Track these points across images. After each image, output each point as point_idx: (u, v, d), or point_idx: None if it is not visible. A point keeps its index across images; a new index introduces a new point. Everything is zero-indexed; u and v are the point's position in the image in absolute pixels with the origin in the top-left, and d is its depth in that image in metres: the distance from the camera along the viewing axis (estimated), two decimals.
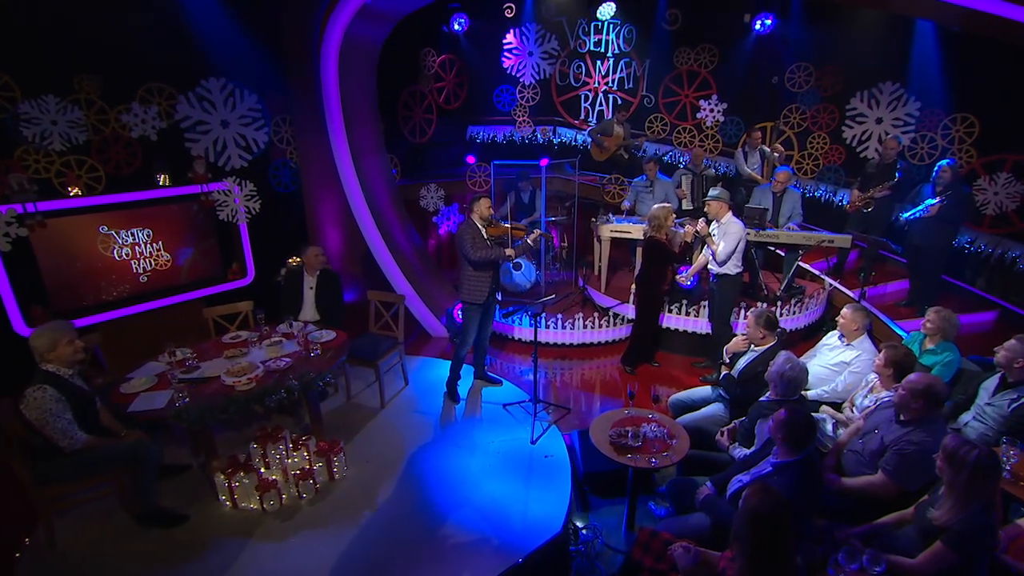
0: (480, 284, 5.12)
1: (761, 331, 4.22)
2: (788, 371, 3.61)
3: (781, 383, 3.63)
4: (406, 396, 5.53)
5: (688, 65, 8.62)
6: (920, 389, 3.28)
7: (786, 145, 8.30)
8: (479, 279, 5.12)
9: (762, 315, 4.23)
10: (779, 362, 3.69)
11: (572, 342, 6.42)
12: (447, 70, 8.94)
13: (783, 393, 3.67)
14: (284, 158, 6.74)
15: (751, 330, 4.25)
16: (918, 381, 3.31)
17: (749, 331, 4.26)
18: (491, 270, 5.14)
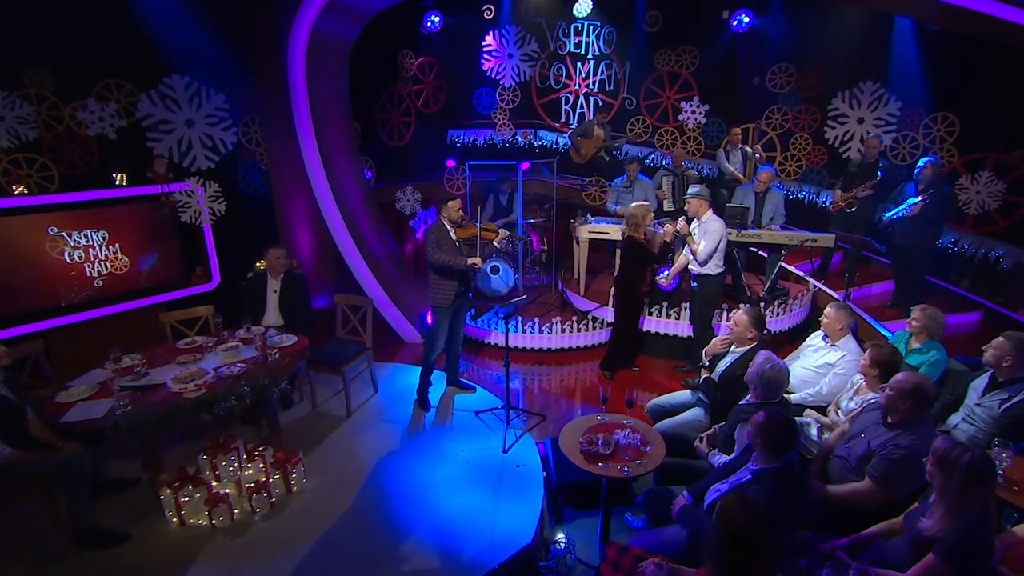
0: (446, 287, 4.92)
1: (752, 331, 4.00)
2: (768, 372, 3.38)
3: (761, 385, 3.41)
4: (374, 404, 5.26)
5: (669, 66, 8.50)
6: (908, 389, 3.07)
7: (768, 147, 8.16)
8: (445, 282, 4.93)
9: (753, 311, 4.01)
10: (758, 363, 3.47)
11: (550, 347, 6.20)
12: (426, 73, 8.74)
13: (763, 395, 3.45)
14: (253, 159, 6.49)
15: (741, 329, 4.02)
16: (905, 381, 3.10)
17: (738, 330, 4.03)
18: (458, 272, 4.92)
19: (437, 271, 4.89)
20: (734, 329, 4.07)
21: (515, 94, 8.91)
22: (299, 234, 6.73)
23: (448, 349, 5.38)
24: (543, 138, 9.23)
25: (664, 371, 5.83)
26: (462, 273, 4.93)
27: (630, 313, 5.54)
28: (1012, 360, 3.44)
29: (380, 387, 5.51)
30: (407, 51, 8.43)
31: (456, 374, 5.51)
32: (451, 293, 4.93)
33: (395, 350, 6.40)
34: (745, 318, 4.01)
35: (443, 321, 5.04)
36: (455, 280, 4.91)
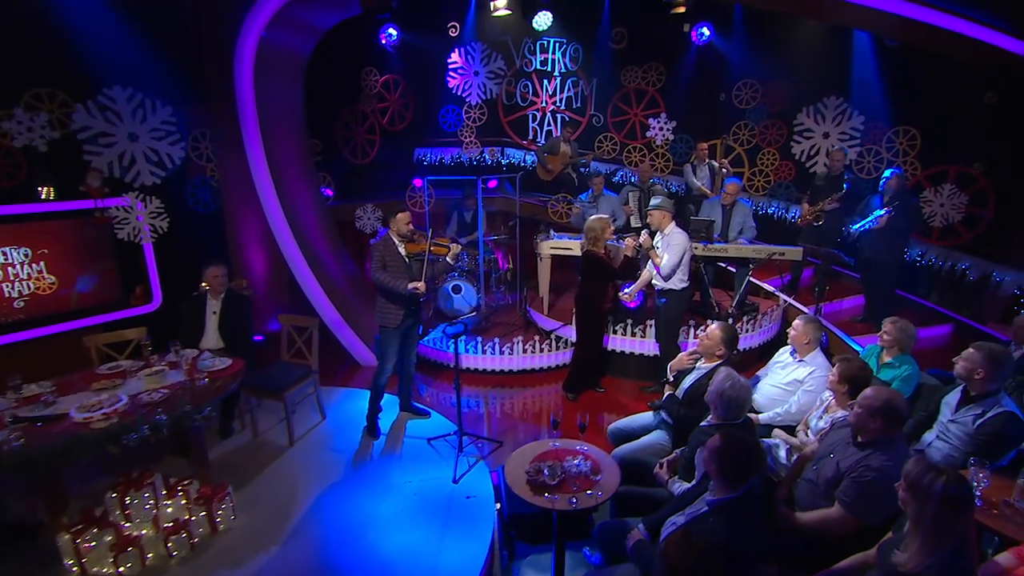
0: (393, 306, 4.62)
1: (722, 348, 3.73)
2: (728, 390, 3.10)
3: (721, 404, 3.13)
4: (321, 432, 4.89)
5: (636, 83, 8.42)
6: (877, 406, 2.81)
7: (736, 162, 8.04)
8: (393, 300, 4.63)
9: (729, 329, 3.75)
10: (718, 380, 3.19)
11: (511, 368, 5.88)
12: (391, 90, 8.54)
13: (725, 416, 3.16)
14: (203, 175, 6.16)
15: (711, 344, 3.75)
16: (874, 397, 2.84)
17: (707, 344, 3.76)
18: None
19: (378, 288, 4.62)
20: (703, 343, 3.81)
21: (482, 112, 8.76)
22: (251, 253, 6.39)
23: (400, 372, 5.06)
24: (510, 156, 9.07)
25: (631, 392, 5.52)
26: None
27: (592, 331, 5.26)
28: (984, 372, 3.20)
29: (329, 413, 5.15)
30: (371, 68, 8.23)
31: (409, 398, 5.18)
32: (399, 312, 4.64)
33: (351, 374, 6.03)
34: (718, 333, 3.75)
35: (392, 342, 4.73)
36: (403, 299, 4.62)
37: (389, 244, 4.61)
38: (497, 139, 9.01)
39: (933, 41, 5.57)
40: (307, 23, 5.84)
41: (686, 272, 4.95)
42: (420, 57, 8.45)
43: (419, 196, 7.72)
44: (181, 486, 3.66)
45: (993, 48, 5.23)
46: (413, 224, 4.68)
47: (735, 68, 7.78)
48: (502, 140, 9.02)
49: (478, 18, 8.28)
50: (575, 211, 6.77)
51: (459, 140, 8.88)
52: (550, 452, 3.49)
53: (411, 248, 4.66)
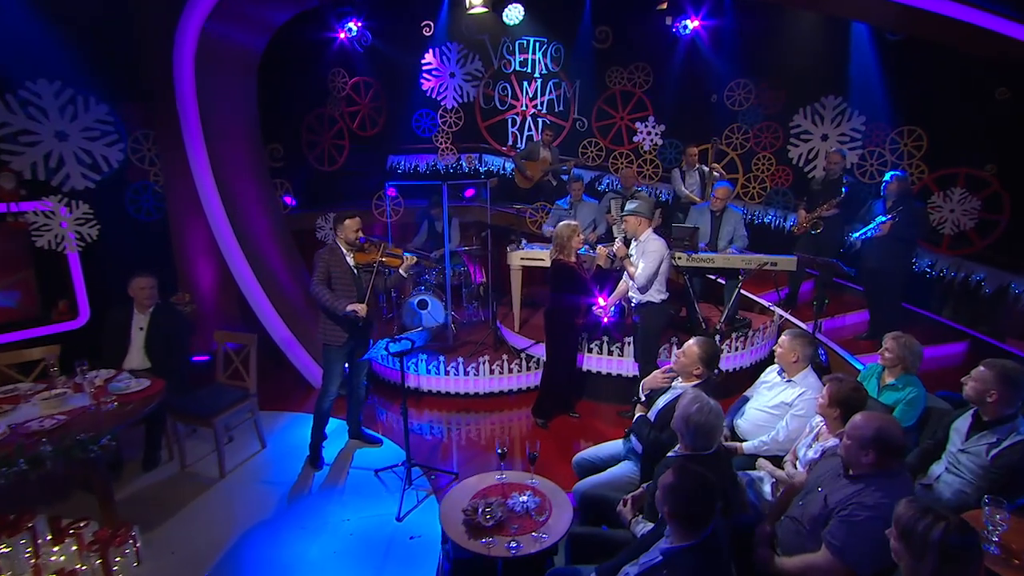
0: (340, 320, 4.33)
1: (700, 367, 3.41)
2: (694, 415, 2.77)
3: (688, 431, 2.80)
4: (257, 462, 4.56)
5: (621, 85, 8.21)
6: (868, 436, 2.48)
7: (729, 167, 7.78)
8: (334, 317, 4.34)
9: (708, 346, 3.42)
10: (684, 404, 2.86)
11: (477, 391, 5.54)
12: (362, 94, 8.33)
13: (692, 445, 2.83)
14: (146, 180, 5.90)
15: (687, 362, 3.43)
16: (864, 426, 2.51)
17: (683, 361, 3.44)
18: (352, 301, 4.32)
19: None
20: (679, 360, 3.49)
21: (458, 116, 8.54)
22: (198, 265, 6.10)
23: (349, 395, 4.76)
24: (489, 163, 8.83)
25: (608, 417, 5.17)
26: (359, 303, 4.33)
27: (563, 349, 4.93)
28: (997, 394, 2.87)
29: (271, 441, 4.83)
30: (339, 70, 8.03)
31: (359, 425, 4.87)
32: (344, 329, 4.35)
33: (304, 398, 5.69)
34: (695, 350, 3.43)
35: (337, 362, 4.44)
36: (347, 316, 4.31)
37: (336, 253, 4.35)
38: (474, 145, 8.77)
39: (939, 32, 5.32)
40: (256, 16, 5.62)
41: (664, 283, 4.66)
42: (392, 58, 8.24)
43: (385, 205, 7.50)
44: (74, 528, 3.31)
45: (1005, 39, 4.94)
46: (383, 235, 4.38)
47: (727, 68, 7.58)
48: (480, 146, 8.78)
49: (454, 16, 8.10)
50: (548, 218, 6.48)
51: (435, 146, 8.70)
52: (495, 487, 3.15)
53: (360, 258, 4.40)
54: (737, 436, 3.79)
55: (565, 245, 4.63)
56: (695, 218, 5.93)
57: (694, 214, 5.99)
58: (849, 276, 5.75)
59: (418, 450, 4.73)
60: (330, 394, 4.47)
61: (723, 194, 5.72)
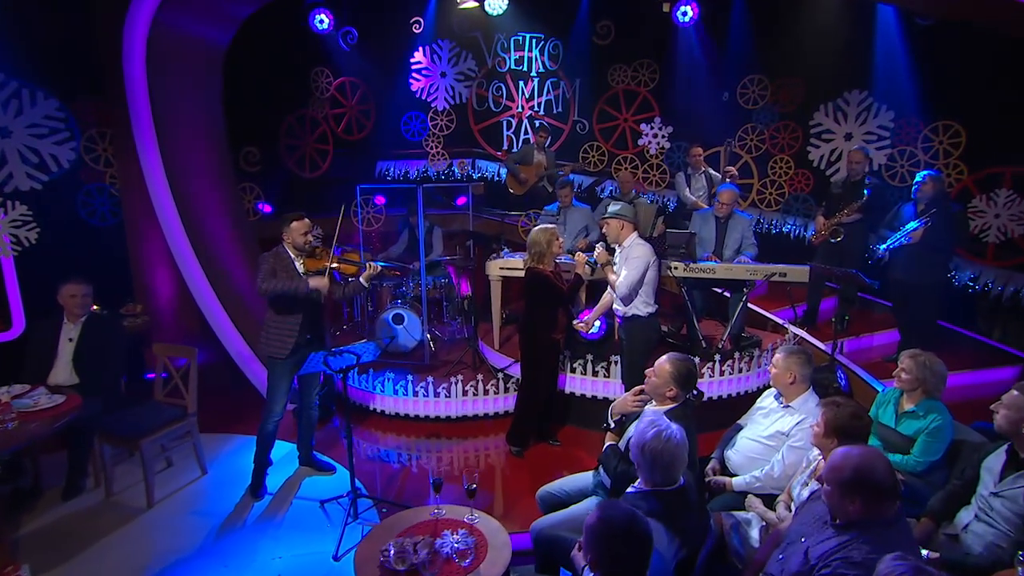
0: (283, 329, 4.13)
1: (672, 387, 3.10)
2: (651, 442, 2.46)
3: (644, 462, 2.49)
4: (193, 491, 4.34)
5: (625, 84, 7.99)
6: (849, 479, 2.14)
7: (744, 172, 7.47)
8: (283, 322, 4.14)
9: (680, 364, 3.11)
10: (640, 428, 2.56)
11: (449, 414, 5.26)
12: (348, 95, 8.24)
13: (651, 479, 2.51)
14: (101, 182, 5.81)
15: (659, 382, 3.14)
16: (842, 465, 2.16)
17: (654, 382, 3.15)
18: (300, 310, 4.14)
19: (272, 305, 4.15)
20: (650, 380, 3.19)
21: (449, 118, 8.41)
22: (157, 275, 5.97)
23: (299, 417, 4.53)
24: (482, 168, 8.66)
25: (593, 446, 4.76)
26: (308, 312, 4.16)
27: (540, 369, 4.62)
28: None
29: (215, 466, 4.63)
30: (322, 69, 7.95)
31: (310, 450, 4.62)
32: (290, 338, 4.12)
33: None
34: (667, 368, 3.11)
35: (283, 377, 4.20)
36: (297, 318, 4.13)
37: (282, 258, 4.17)
38: (467, 149, 8.62)
39: (977, 12, 4.96)
40: (217, 8, 5.53)
41: (652, 294, 4.36)
42: (380, 57, 8.15)
43: (368, 211, 7.37)
44: None
45: None
46: (358, 245, 4.21)
47: (740, 63, 7.29)
48: (472, 151, 8.63)
49: (444, 12, 7.99)
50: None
51: (425, 151, 8.56)
52: (427, 524, 2.85)
53: (311, 264, 4.24)
54: (728, 470, 3.46)
55: (545, 253, 4.38)
56: (698, 224, 5.62)
57: (697, 220, 5.68)
58: (873, 289, 5.40)
59: (373, 480, 4.47)
60: (274, 414, 4.23)
61: (728, 198, 5.40)
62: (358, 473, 4.48)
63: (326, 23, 7.29)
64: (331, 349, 3.73)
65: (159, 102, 5.27)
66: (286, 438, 4.72)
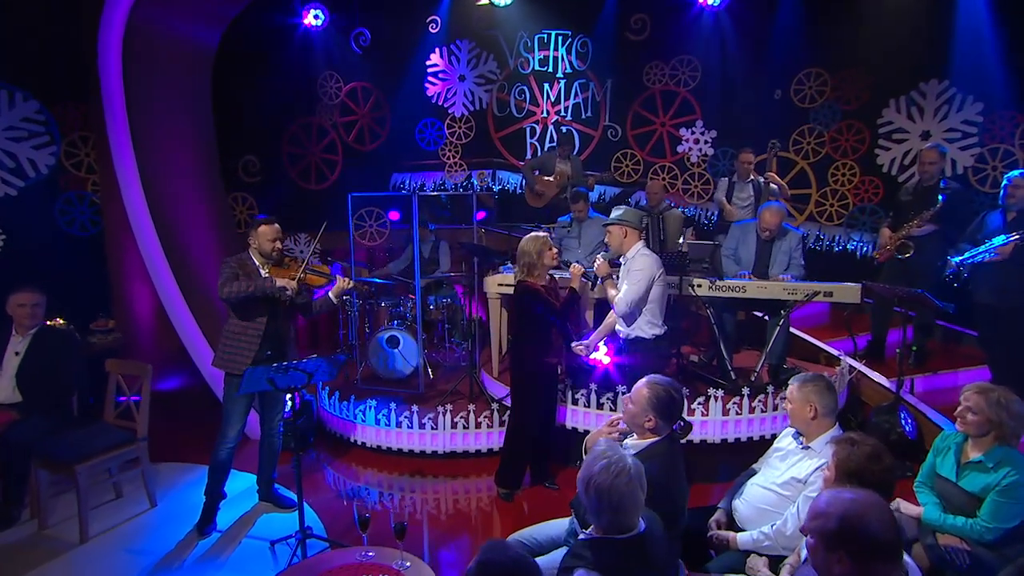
0: (242, 340, 4.10)
1: (651, 416, 2.84)
2: (598, 477, 2.22)
3: (590, 500, 2.25)
4: (137, 525, 4.26)
5: (663, 84, 7.83)
6: (833, 529, 1.84)
7: (800, 181, 7.13)
8: (242, 333, 4.12)
9: (661, 389, 2.85)
10: (589, 459, 2.31)
11: (436, 449, 5.07)
12: (360, 102, 8.36)
13: (599, 522, 2.25)
14: (82, 190, 6.02)
15: (636, 410, 2.90)
16: (827, 512, 1.87)
17: (631, 411, 2.91)
18: (262, 318, 4.11)
19: (234, 311, 4.13)
20: (627, 408, 2.95)
21: (468, 126, 8.43)
22: (136, 289, 6.09)
23: (260, 444, 4.46)
24: (503, 180, 8.56)
25: None
26: (272, 322, 4.12)
27: (532, 398, 4.39)
28: None
29: (166, 498, 4.56)
30: (331, 73, 8.11)
31: (271, 483, 4.51)
32: (249, 352, 4.07)
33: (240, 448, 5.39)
34: (645, 393, 2.86)
35: (240, 400, 4.13)
36: (259, 328, 4.09)
37: (247, 265, 4.15)
38: (487, 160, 8.57)
39: None
40: (198, 5, 5.69)
41: (659, 313, 4.11)
42: (392, 60, 8.25)
43: (369, 225, 7.38)
44: None
45: None
46: (368, 262, 4.20)
47: (795, 55, 7.10)
48: (493, 161, 8.57)
49: (462, 10, 8.04)
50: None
51: (442, 162, 8.57)
52: (349, 568, 2.69)
53: (277, 274, 4.19)
54: (733, 524, 3.12)
55: (534, 264, 4.20)
56: (736, 239, 5.36)
57: (735, 234, 5.41)
58: (946, 314, 4.90)
59: (337, 519, 4.30)
60: (227, 440, 4.15)
61: (771, 220, 5.04)
62: (326, 512, 4.43)
63: (321, 19, 7.45)
64: (276, 365, 3.60)
65: (137, 104, 5.42)
66: (251, 469, 4.63)
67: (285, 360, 4.19)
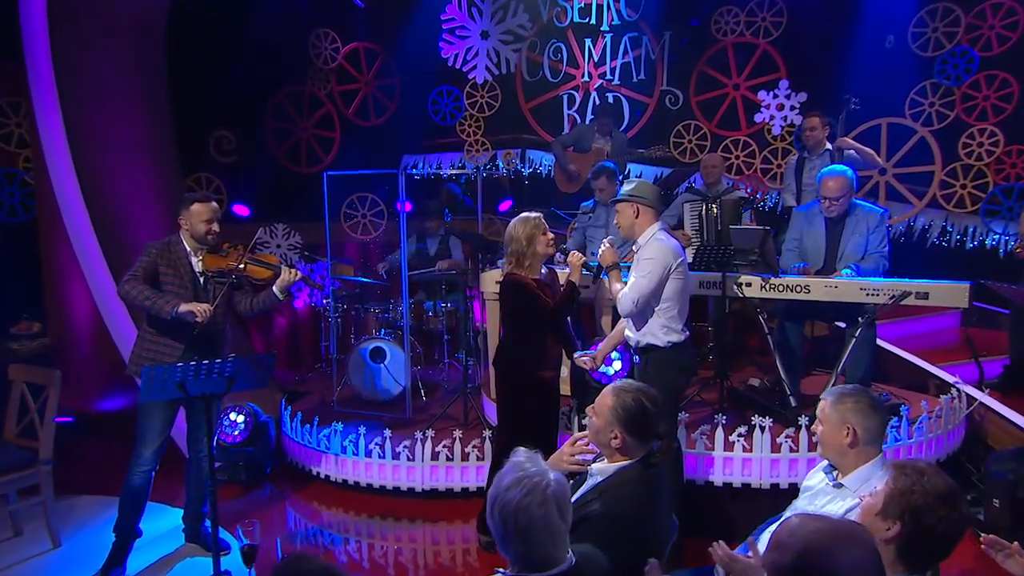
0: (162, 345, 4.22)
1: (615, 431, 2.78)
2: (504, 493, 2.16)
3: (496, 526, 2.17)
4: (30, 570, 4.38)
5: (737, 35, 7.80)
6: (787, 564, 1.81)
7: (919, 155, 7.05)
8: (162, 334, 4.22)
9: (628, 396, 2.78)
10: (499, 474, 2.24)
11: (412, 486, 5.17)
12: (362, 67, 8.54)
13: (507, 552, 2.21)
14: (12, 167, 6.37)
15: (600, 424, 2.83)
16: (786, 544, 1.85)
17: (596, 424, 2.84)
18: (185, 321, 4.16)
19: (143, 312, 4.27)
20: (591, 422, 2.88)
21: (492, 94, 8.50)
22: (74, 287, 6.34)
23: (187, 470, 4.55)
24: (534, 161, 8.61)
25: None
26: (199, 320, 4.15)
27: (522, 422, 4.30)
28: None
29: (75, 537, 4.69)
30: (326, 31, 8.33)
31: (201, 520, 4.57)
32: (170, 356, 4.18)
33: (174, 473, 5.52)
34: (608, 401, 2.79)
35: (155, 409, 4.20)
36: (183, 332, 4.18)
37: (175, 250, 4.27)
38: (515, 136, 8.63)
39: None
40: None
41: (678, 315, 4.02)
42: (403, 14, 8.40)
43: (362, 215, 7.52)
44: None
45: None
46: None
47: None
48: (523, 137, 8.62)
49: None
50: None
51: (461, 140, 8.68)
52: None
53: (212, 263, 4.32)
54: None
55: (523, 253, 4.18)
56: (799, 227, 5.27)
57: (798, 221, 5.32)
58: None
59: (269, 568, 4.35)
60: (142, 462, 4.23)
61: (835, 187, 4.87)
62: (267, 560, 4.42)
63: None
64: (182, 365, 3.66)
65: (67, 64, 5.70)
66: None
67: (221, 349, 4.34)
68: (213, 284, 4.30)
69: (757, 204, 7.33)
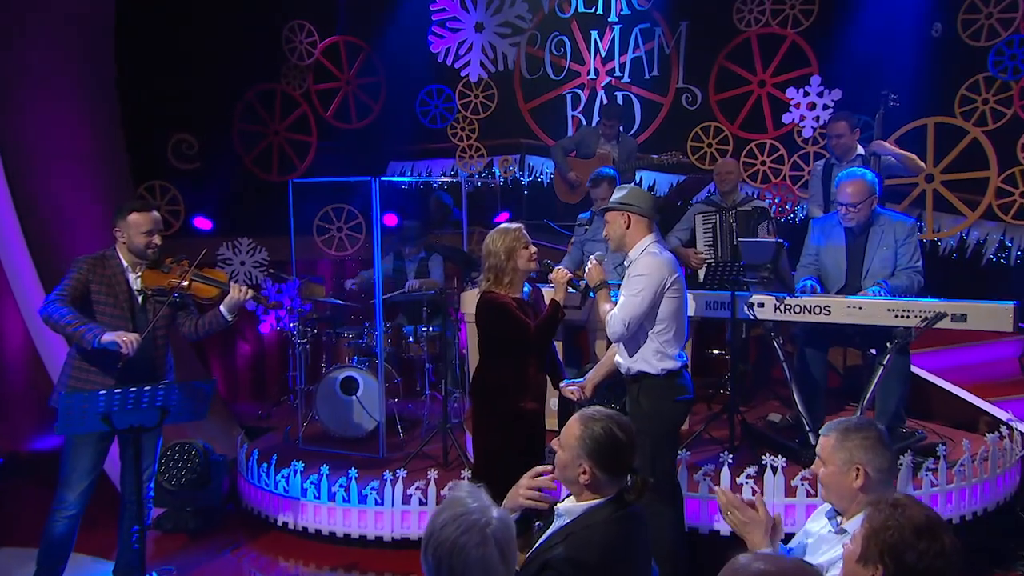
0: (91, 373, 4.27)
1: (582, 465, 2.79)
2: (439, 531, 2.15)
3: (428, 568, 2.14)
4: None
5: (762, 25, 7.87)
6: None
7: (970, 159, 7.06)
8: (91, 360, 4.24)
9: (596, 425, 2.80)
10: (437, 520, 2.23)
11: (380, 534, 5.22)
12: (343, 63, 8.68)
13: None
14: None
15: (566, 458, 2.85)
16: None
17: (562, 458, 2.86)
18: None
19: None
20: (558, 456, 2.89)
21: (488, 94, 8.63)
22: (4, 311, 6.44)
23: (120, 515, 4.54)
24: (535, 168, 8.78)
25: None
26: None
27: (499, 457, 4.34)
28: None
29: None
30: (301, 24, 8.48)
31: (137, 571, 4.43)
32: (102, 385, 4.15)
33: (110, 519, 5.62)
34: (575, 430, 2.79)
35: (83, 445, 4.24)
36: (110, 361, 4.19)
37: (110, 265, 4.32)
38: (513, 141, 8.78)
39: None
40: None
41: (674, 338, 4.06)
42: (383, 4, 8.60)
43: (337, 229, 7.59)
44: None
45: None
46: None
47: None
48: (520, 142, 8.77)
49: None
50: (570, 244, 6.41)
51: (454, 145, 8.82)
52: None
53: (152, 280, 4.37)
54: None
55: (502, 268, 4.25)
56: (817, 240, 5.35)
57: (815, 234, 5.38)
58: None
59: None
60: (66, 506, 4.25)
61: (855, 192, 4.92)
62: None
63: None
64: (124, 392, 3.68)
65: None
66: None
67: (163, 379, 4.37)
68: (153, 304, 4.32)
69: (779, 216, 7.35)
